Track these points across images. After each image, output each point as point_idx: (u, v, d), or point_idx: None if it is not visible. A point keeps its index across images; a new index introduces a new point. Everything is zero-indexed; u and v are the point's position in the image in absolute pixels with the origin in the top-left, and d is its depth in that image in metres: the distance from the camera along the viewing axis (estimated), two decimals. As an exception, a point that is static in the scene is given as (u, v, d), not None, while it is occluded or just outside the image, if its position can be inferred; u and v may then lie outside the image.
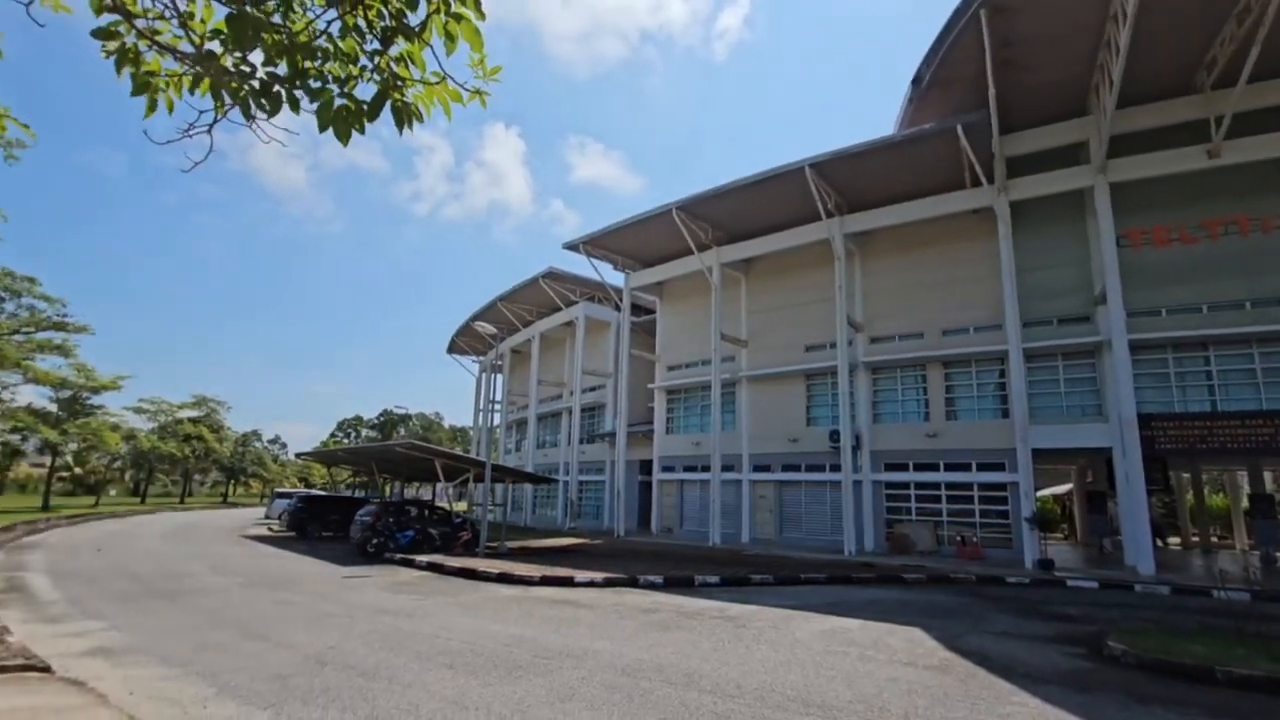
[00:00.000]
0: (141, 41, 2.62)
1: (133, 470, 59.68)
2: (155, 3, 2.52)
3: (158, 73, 2.70)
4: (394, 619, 10.34)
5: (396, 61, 2.71)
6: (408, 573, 16.41)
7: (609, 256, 32.08)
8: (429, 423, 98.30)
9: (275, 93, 2.62)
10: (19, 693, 6.03)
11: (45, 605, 11.03)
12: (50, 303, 24.95)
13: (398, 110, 2.71)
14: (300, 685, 6.77)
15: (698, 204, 26.35)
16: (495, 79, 2.78)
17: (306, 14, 2.68)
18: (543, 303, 38.91)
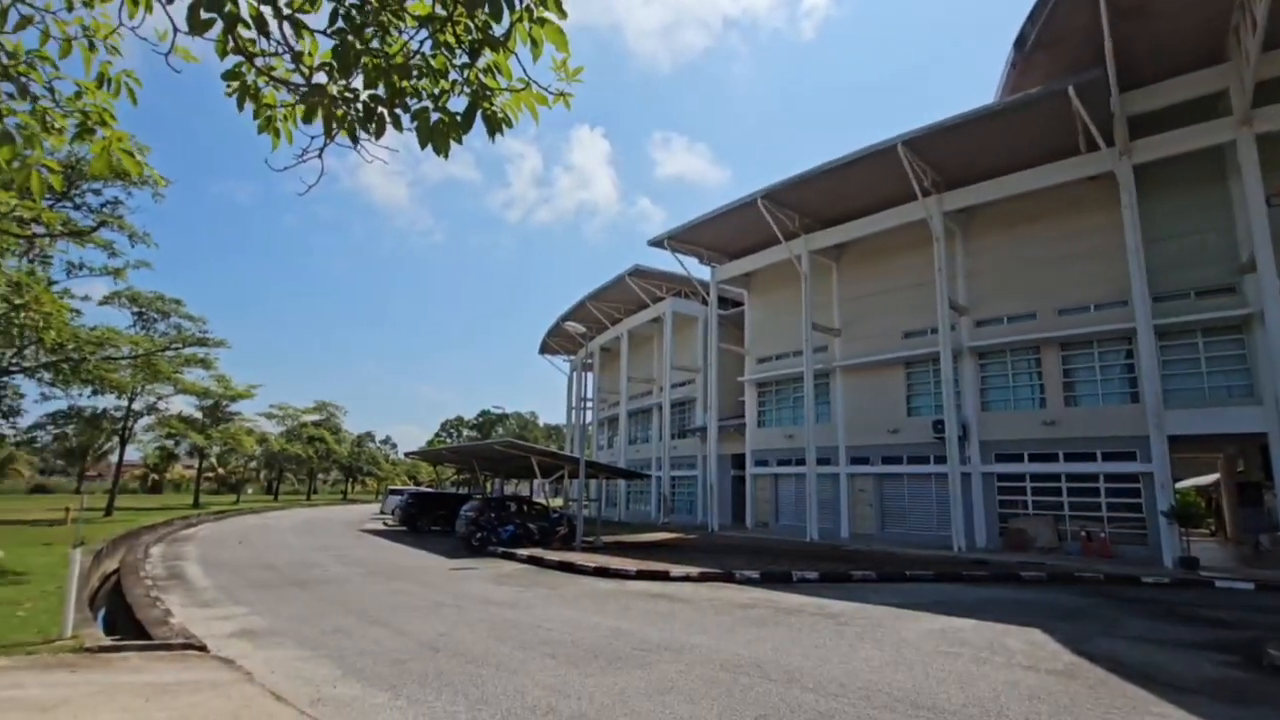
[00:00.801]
0: (260, 79, 2.86)
1: (266, 470, 65.62)
2: (271, 42, 2.74)
3: (274, 106, 2.94)
4: (499, 609, 10.78)
5: (484, 72, 2.82)
6: (509, 565, 17.06)
7: (694, 250, 31.95)
8: (524, 422, 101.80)
9: (378, 114, 2.79)
10: (182, 668, 6.77)
11: (199, 591, 12.32)
12: (193, 321, 27.88)
13: (489, 119, 2.82)
14: (416, 669, 7.19)
15: (783, 191, 25.72)
16: (578, 80, 2.82)
17: (401, 36, 2.83)
18: (630, 300, 39.32)
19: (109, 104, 2.86)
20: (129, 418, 33.25)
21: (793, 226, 27.22)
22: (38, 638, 7.44)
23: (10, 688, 5.63)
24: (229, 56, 2.73)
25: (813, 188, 25.10)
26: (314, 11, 2.74)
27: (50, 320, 8.64)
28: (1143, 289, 18.90)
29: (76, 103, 2.85)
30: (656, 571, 14.91)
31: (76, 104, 2.86)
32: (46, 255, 11.68)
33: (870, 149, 22.35)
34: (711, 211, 28.40)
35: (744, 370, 31.90)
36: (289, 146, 3.15)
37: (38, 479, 68.28)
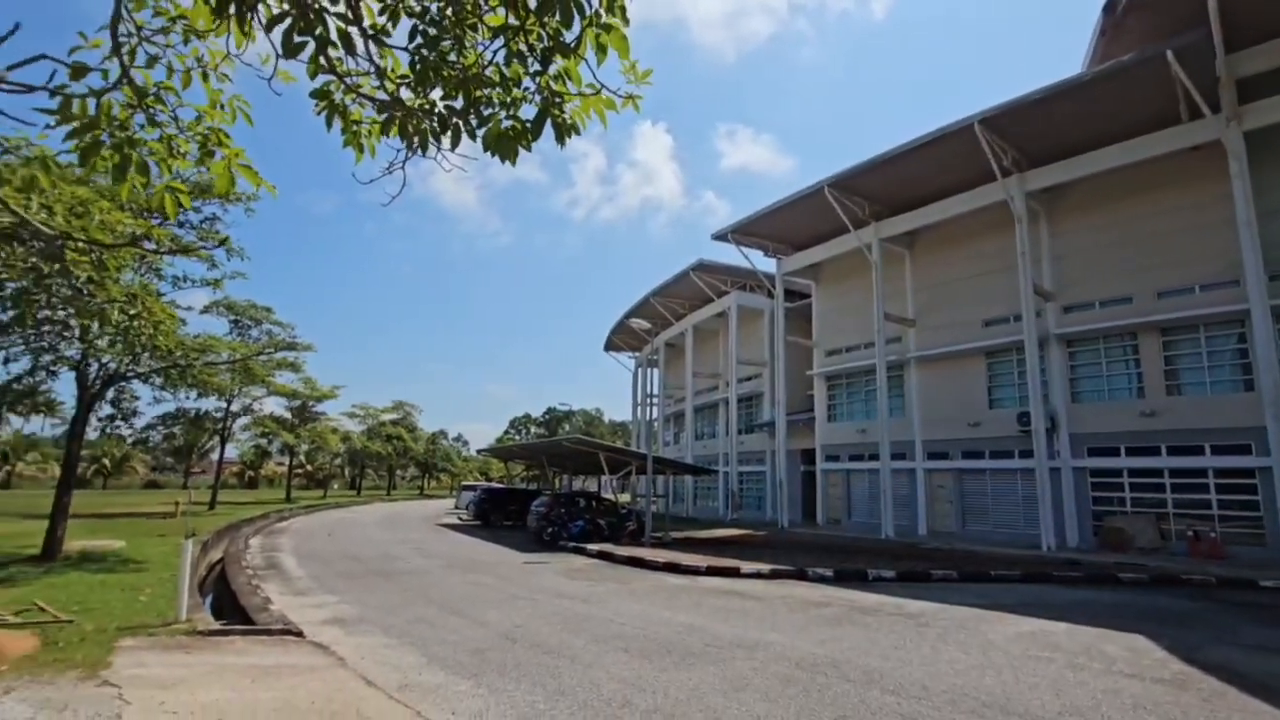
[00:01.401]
0: (347, 96, 3.01)
1: (349, 466, 69.18)
2: (357, 60, 2.87)
3: (359, 121, 3.09)
4: (571, 603, 10.97)
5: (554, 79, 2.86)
6: (580, 560, 17.33)
7: (759, 243, 31.45)
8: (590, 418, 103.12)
9: (454, 124, 2.88)
10: (281, 652, 7.23)
11: (294, 581, 13.12)
12: (283, 327, 29.68)
13: (558, 126, 2.86)
14: (495, 659, 7.41)
15: (851, 178, 24.95)
16: (647, 82, 2.82)
17: (475, 48, 2.91)
18: (694, 295, 39.15)
19: (225, 125, 3.06)
20: (228, 418, 35.75)
21: (862, 214, 26.38)
22: (157, 621, 8.10)
23: (135, 666, 6.16)
24: (318, 75, 2.88)
25: (883, 173, 24.24)
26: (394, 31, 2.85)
27: (161, 328, 9.42)
28: (1257, 267, 17.28)
29: (196, 126, 3.07)
30: (727, 568, 14.81)
31: (196, 128, 3.08)
32: (157, 270, 12.66)
33: (944, 130, 21.36)
34: (777, 202, 27.87)
35: (812, 364, 31.21)
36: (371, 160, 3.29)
37: (150, 475, 74.44)
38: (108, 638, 7.14)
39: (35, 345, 11.99)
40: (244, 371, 22.21)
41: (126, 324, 8.83)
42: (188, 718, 4.98)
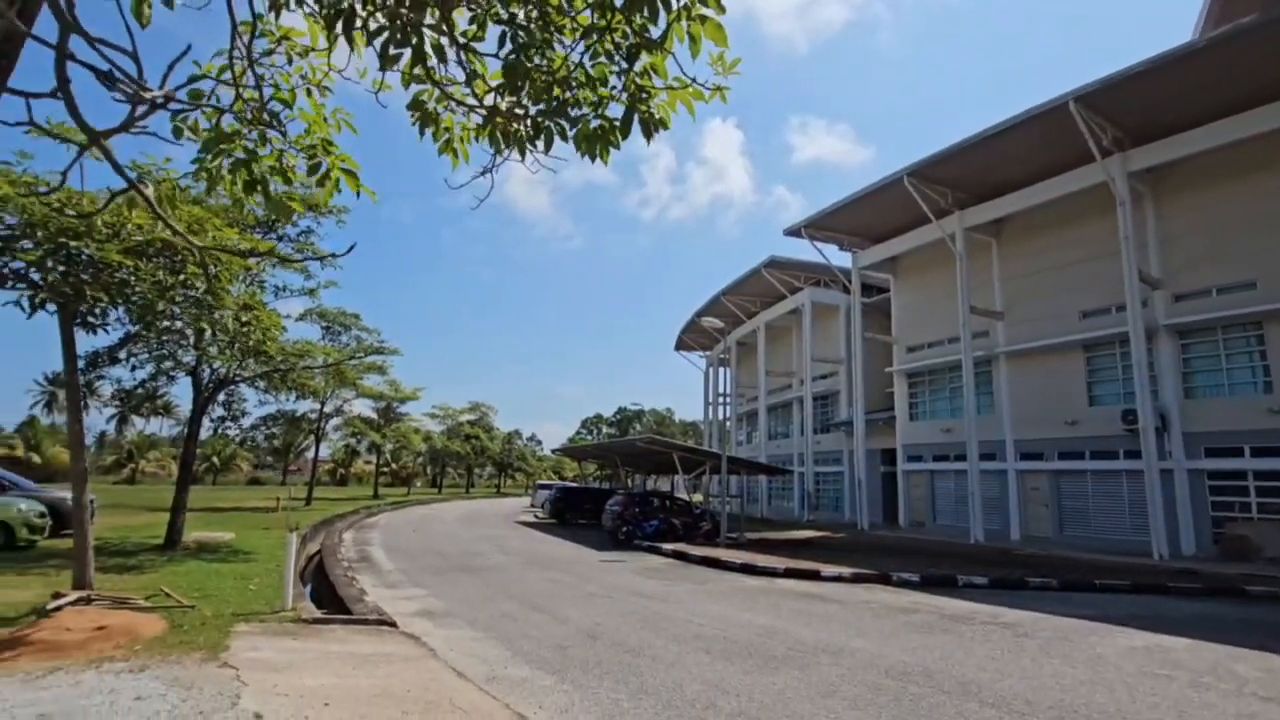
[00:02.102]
0: (439, 104, 3.12)
1: (431, 465, 72.12)
2: (448, 69, 2.98)
3: (451, 129, 3.19)
4: (649, 602, 11.00)
5: (640, 76, 2.86)
6: (655, 559, 17.37)
7: (833, 237, 30.61)
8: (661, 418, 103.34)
9: (545, 127, 2.93)
10: (378, 642, 7.58)
11: (385, 574, 13.76)
12: (369, 332, 31.27)
13: (645, 122, 2.86)
14: (578, 656, 7.51)
15: (933, 166, 23.87)
16: (735, 72, 2.78)
17: (560, 51, 2.95)
18: (766, 292, 38.54)
19: (329, 134, 3.24)
20: (322, 419, 37.99)
21: (944, 203, 25.20)
22: (266, 608, 8.67)
23: (250, 650, 6.61)
24: (411, 85, 2.99)
25: (967, 159, 23.06)
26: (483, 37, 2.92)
27: (268, 334, 10.17)
28: None
29: (303, 140, 3.26)
30: (806, 570, 14.47)
31: (303, 141, 3.27)
32: (261, 281, 13.59)
33: (1035, 110, 20.10)
34: (852, 194, 27.03)
35: (892, 360, 30.10)
36: (452, 169, 3.38)
37: (253, 473, 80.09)
38: (224, 623, 7.70)
39: (158, 353, 13.14)
40: (337, 375, 23.52)
41: (239, 330, 9.57)
42: (298, 700, 5.29)
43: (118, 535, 16.02)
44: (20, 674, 5.55)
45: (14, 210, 7.68)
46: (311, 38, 3.08)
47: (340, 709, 5.20)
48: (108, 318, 9.02)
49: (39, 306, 7.77)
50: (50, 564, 11.41)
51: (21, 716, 4.65)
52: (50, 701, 4.96)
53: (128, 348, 12.80)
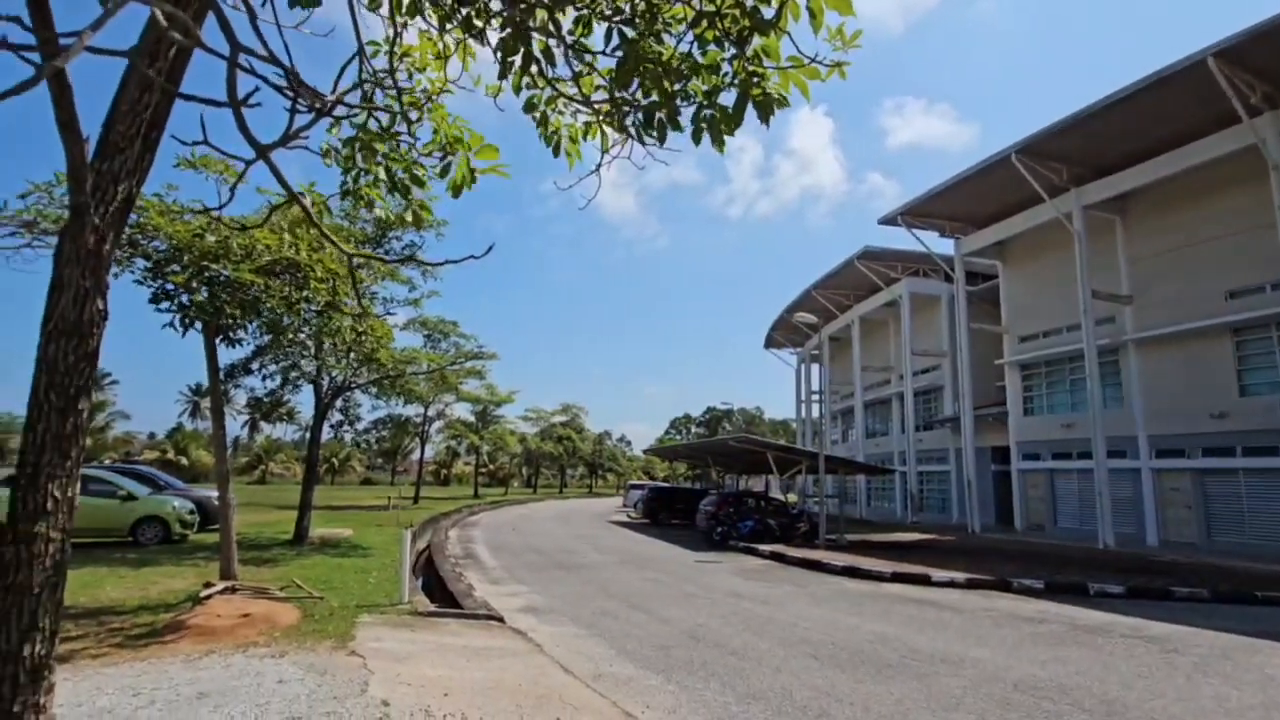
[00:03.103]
0: (548, 106, 3.16)
1: (525, 466, 74.51)
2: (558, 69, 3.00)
3: (560, 130, 3.23)
4: (750, 604, 10.78)
5: (751, 60, 2.76)
6: (752, 561, 17.05)
7: (933, 224, 29.00)
8: (751, 417, 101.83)
9: (658, 120, 2.89)
10: (488, 636, 7.84)
11: (489, 570, 14.27)
12: (466, 338, 32.66)
13: (759, 105, 2.75)
14: (681, 657, 7.44)
15: (1045, 141, 22.09)
16: (856, 45, 2.61)
17: (668, 42, 2.90)
18: (860, 285, 37.10)
19: (457, 131, 3.35)
20: (426, 422, 40.10)
21: (1059, 181, 23.26)
22: (385, 601, 9.18)
23: (374, 640, 7.00)
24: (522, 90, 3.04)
25: (1085, 131, 21.17)
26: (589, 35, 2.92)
27: (381, 343, 10.83)
28: None
29: (430, 147, 3.40)
30: (915, 575, 13.74)
31: (430, 148, 3.41)
32: (372, 293, 14.48)
33: (1166, 71, 18.15)
34: (954, 177, 25.47)
35: (1001, 351, 28.14)
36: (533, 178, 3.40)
37: (366, 473, 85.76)
38: (350, 614, 8.21)
39: (284, 363, 14.29)
40: (440, 380, 24.72)
41: (355, 339, 10.26)
42: (419, 690, 5.53)
43: (253, 530, 17.53)
44: (182, 655, 6.14)
45: (164, 237, 8.56)
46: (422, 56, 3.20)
47: (458, 700, 5.38)
48: (243, 332, 9.89)
49: (189, 325, 8.62)
50: (199, 556, 12.63)
51: (185, 694, 5.12)
52: (207, 681, 5.44)
53: (259, 359, 13.99)
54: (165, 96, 2.84)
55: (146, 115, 2.85)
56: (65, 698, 4.82)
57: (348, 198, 3.43)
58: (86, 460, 18.97)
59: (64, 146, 2.48)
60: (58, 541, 2.49)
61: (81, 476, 9.84)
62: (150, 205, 8.50)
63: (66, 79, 2.32)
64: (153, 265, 8.75)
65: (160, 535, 14.48)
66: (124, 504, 14.26)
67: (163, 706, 4.86)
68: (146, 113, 2.84)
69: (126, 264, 8.84)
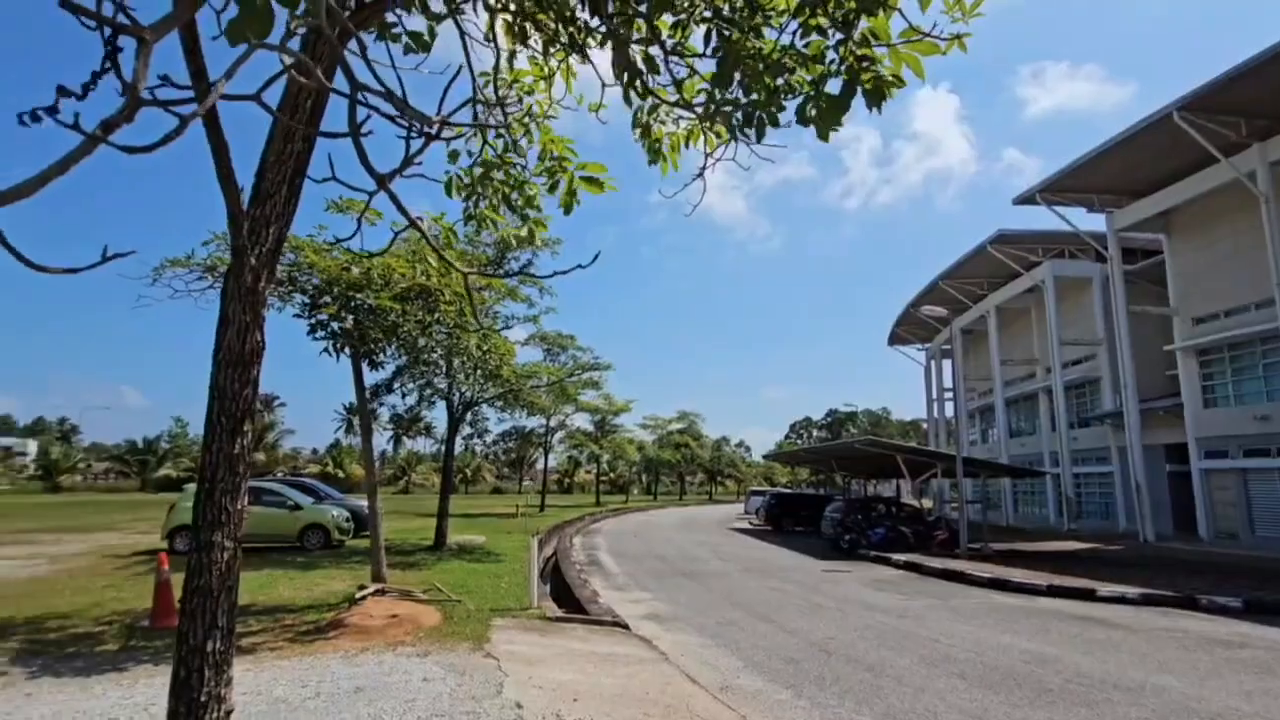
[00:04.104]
0: (650, 116, 3.17)
1: (644, 473, 75.38)
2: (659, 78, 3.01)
3: (661, 139, 3.22)
4: (885, 617, 10.17)
5: (859, 44, 2.60)
6: (885, 570, 16.13)
7: (1080, 198, 26.11)
8: (876, 418, 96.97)
9: (757, 117, 2.80)
10: (614, 642, 7.95)
11: (612, 577, 14.52)
12: (584, 350, 33.65)
13: (870, 91, 2.59)
14: (811, 670, 7.14)
15: (1215, 94, 19.26)
16: (978, 13, 2.39)
17: (768, 37, 2.81)
18: (994, 272, 34.21)
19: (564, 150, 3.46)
20: (548, 433, 41.70)
21: (1236, 137, 20.17)
22: (516, 605, 9.58)
23: (507, 643, 7.30)
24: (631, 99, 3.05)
25: (1266, 78, 18.27)
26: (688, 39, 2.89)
27: (504, 360, 11.44)
28: None
29: (540, 167, 3.54)
30: (1076, 589, 12.36)
31: (540, 168, 3.54)
32: (495, 311, 15.31)
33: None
34: (1104, 144, 22.78)
35: (1170, 336, 24.80)
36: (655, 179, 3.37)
37: (495, 483, 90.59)
38: (484, 616, 8.64)
39: (420, 382, 15.43)
40: (560, 392, 25.63)
41: (481, 357, 10.90)
42: (551, 693, 5.69)
43: (399, 537, 19.00)
44: (341, 652, 6.72)
45: (317, 272, 9.52)
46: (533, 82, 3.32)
47: (587, 705, 5.47)
48: (384, 354, 10.78)
49: (340, 350, 9.53)
50: (354, 560, 13.84)
51: (344, 688, 5.60)
52: (363, 677, 5.91)
53: (399, 379, 15.21)
54: (305, 143, 3.13)
55: (291, 162, 3.15)
56: (248, 686, 5.42)
57: (470, 222, 3.62)
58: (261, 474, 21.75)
59: (224, 196, 2.78)
60: (230, 549, 2.78)
61: (257, 489, 11.15)
62: (305, 245, 9.49)
63: (222, 136, 2.60)
64: (310, 299, 9.76)
65: (322, 541, 16.04)
66: (292, 513, 15.96)
67: (325, 699, 5.34)
68: (291, 160, 3.14)
69: (288, 299, 9.92)
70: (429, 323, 9.39)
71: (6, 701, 5.17)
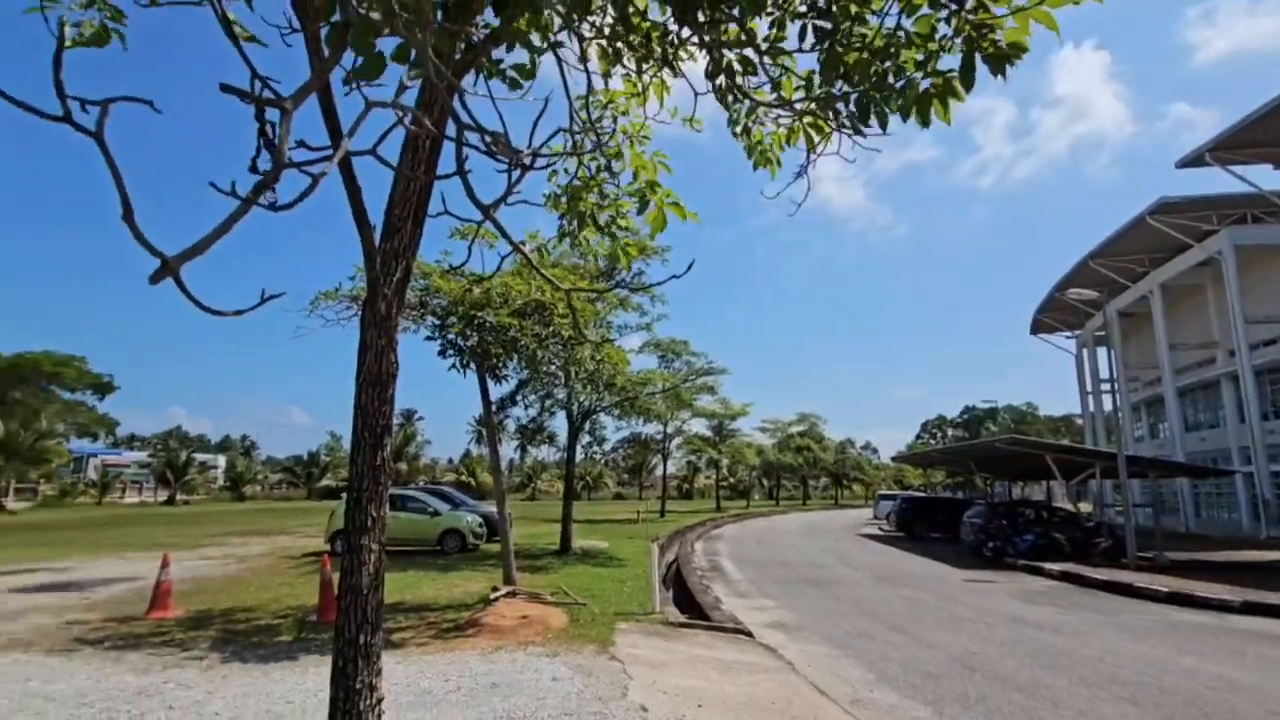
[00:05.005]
0: (748, 119, 3.16)
1: (765, 478, 73.87)
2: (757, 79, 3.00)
3: (761, 140, 3.20)
4: (1037, 632, 9.31)
5: (973, 11, 2.44)
6: (1036, 581, 14.76)
7: (1265, 154, 22.65)
8: (1020, 414, 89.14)
9: (864, 105, 2.71)
10: (737, 650, 7.86)
11: (734, 583, 14.35)
12: (698, 355, 33.67)
13: (992, 59, 2.41)
14: (953, 688, 6.67)
15: None
16: None
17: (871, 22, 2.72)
18: (1156, 246, 30.38)
19: (654, 176, 3.55)
20: (665, 439, 42.05)
21: None
22: (639, 610, 9.73)
23: (631, 647, 7.44)
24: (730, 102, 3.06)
25: None
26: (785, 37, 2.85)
27: (618, 369, 11.75)
28: None
29: (631, 188, 3.65)
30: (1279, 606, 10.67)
31: (631, 188, 3.65)
32: (608, 323, 15.74)
33: None
34: None
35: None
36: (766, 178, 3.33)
37: (616, 489, 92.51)
38: (609, 620, 8.85)
39: (541, 394, 16.15)
40: (675, 398, 25.82)
41: (596, 367, 11.27)
42: (675, 699, 5.73)
43: (527, 541, 19.91)
44: (478, 650, 7.16)
45: (444, 295, 10.28)
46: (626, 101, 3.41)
47: (711, 712, 5.46)
48: (506, 368, 11.41)
49: (466, 366, 10.22)
50: (487, 563, 14.68)
51: (481, 684, 5.96)
52: (498, 673, 6.26)
53: (521, 391, 16.01)
54: (426, 180, 3.42)
55: (414, 199, 3.44)
56: (399, 678, 5.92)
57: (564, 240, 3.77)
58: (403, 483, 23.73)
59: (359, 234, 3.09)
60: (376, 551, 3.06)
61: (403, 497, 12.16)
62: (433, 270, 10.28)
63: (355, 182, 2.90)
64: (439, 321, 10.54)
65: (458, 545, 17.16)
66: (432, 519, 17.22)
67: (465, 693, 5.71)
68: (414, 196, 3.44)
69: (420, 321, 10.78)
70: (545, 336, 9.85)
71: (209, 681, 5.99)
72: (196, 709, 5.30)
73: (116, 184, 1.48)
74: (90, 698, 5.53)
